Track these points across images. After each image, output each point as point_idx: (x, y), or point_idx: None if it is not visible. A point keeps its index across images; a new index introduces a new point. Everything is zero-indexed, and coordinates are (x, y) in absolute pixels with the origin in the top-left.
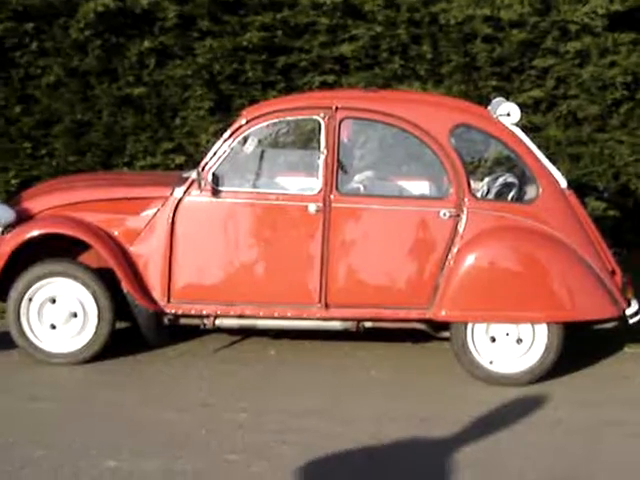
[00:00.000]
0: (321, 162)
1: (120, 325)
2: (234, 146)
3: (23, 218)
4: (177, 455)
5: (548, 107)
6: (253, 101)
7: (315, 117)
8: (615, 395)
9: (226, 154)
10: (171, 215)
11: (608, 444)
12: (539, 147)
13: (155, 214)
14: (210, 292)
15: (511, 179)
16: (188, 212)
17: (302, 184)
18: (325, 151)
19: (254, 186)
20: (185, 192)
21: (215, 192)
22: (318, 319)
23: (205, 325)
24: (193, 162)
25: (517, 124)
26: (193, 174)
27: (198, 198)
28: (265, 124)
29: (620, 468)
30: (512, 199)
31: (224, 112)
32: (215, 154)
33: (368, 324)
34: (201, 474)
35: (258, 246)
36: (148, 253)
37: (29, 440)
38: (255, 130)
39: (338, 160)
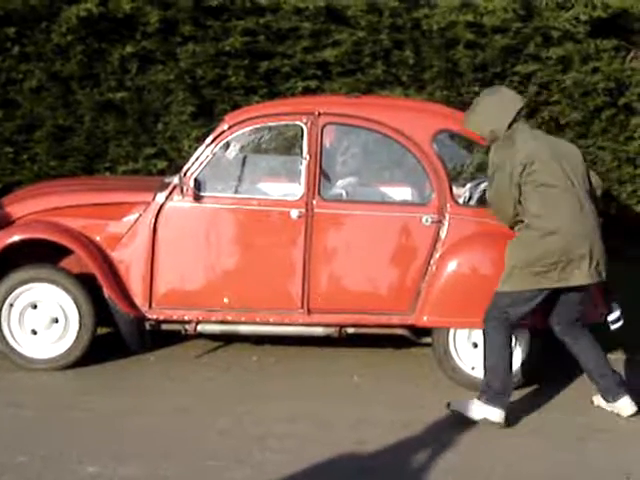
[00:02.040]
0: (303, 168)
1: (101, 331)
2: (216, 151)
3: (4, 223)
4: (158, 461)
5: (530, 113)
6: (235, 106)
7: (298, 123)
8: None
9: (208, 159)
10: (153, 220)
11: (591, 450)
12: None
13: (137, 219)
14: (192, 298)
15: None
16: (170, 217)
17: (284, 190)
18: (307, 157)
19: (236, 191)
20: (167, 197)
21: (197, 197)
22: (300, 325)
23: (187, 331)
24: (175, 167)
25: None
26: (175, 179)
27: (180, 203)
28: (247, 129)
29: (601, 474)
30: None
31: (206, 117)
32: (197, 159)
33: (350, 330)
34: None
35: (240, 252)
36: (130, 259)
37: (9, 446)
38: (237, 135)
39: (320, 166)
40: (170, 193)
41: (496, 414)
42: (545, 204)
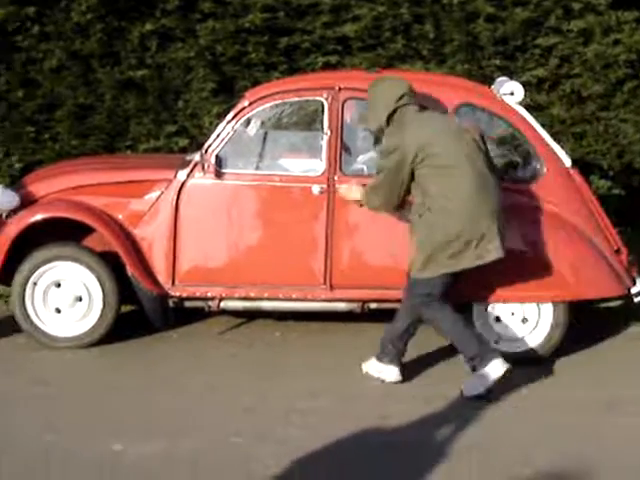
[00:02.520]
0: (324, 143)
1: (125, 308)
2: (237, 128)
3: (27, 202)
4: (182, 438)
5: (552, 86)
6: (256, 83)
7: (318, 98)
8: (620, 374)
9: (229, 136)
10: (175, 198)
11: (616, 423)
12: (543, 126)
13: (159, 197)
14: (214, 274)
15: (516, 158)
16: (192, 195)
17: (306, 165)
18: (328, 132)
19: (257, 168)
20: (188, 175)
21: (218, 174)
22: (323, 300)
23: (210, 307)
24: (196, 144)
25: (521, 103)
26: (196, 156)
27: (201, 180)
28: (268, 105)
29: (629, 446)
30: (517, 178)
31: (227, 94)
32: (218, 136)
33: (373, 305)
34: (206, 457)
35: (262, 228)
36: (152, 236)
37: (36, 424)
38: (258, 112)
39: (341, 141)
40: (191, 170)
41: (497, 367)
42: (445, 185)
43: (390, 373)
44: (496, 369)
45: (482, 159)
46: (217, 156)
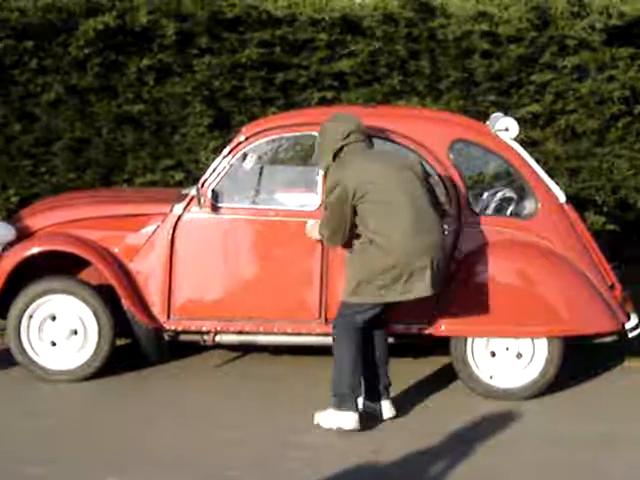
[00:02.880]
0: (320, 178)
1: (120, 341)
2: (233, 163)
3: (23, 235)
4: (177, 470)
5: (546, 122)
6: (252, 118)
7: (314, 133)
8: (615, 410)
9: (225, 171)
10: (171, 232)
11: (608, 458)
12: (538, 162)
13: (155, 231)
14: (210, 308)
15: (510, 194)
16: (188, 229)
17: (301, 200)
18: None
19: (253, 202)
20: (185, 209)
21: (214, 208)
22: (318, 334)
23: (205, 341)
24: (193, 179)
25: (515, 139)
26: (192, 191)
27: (198, 215)
28: (264, 140)
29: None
30: (511, 214)
31: (223, 129)
32: (214, 171)
33: None
34: None
35: (258, 262)
36: (148, 270)
37: (29, 456)
38: (254, 147)
39: None
40: (188, 204)
41: (349, 421)
42: (383, 220)
43: (346, 421)
44: (348, 422)
45: (423, 195)
46: (213, 190)
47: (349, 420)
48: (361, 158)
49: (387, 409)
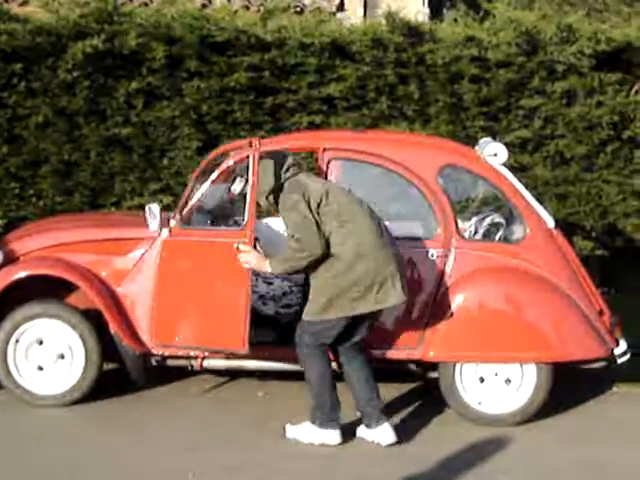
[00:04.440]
0: None
1: (107, 366)
2: (222, 187)
3: (10, 259)
4: None
5: (535, 147)
6: None
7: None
8: (604, 436)
9: (214, 194)
10: (158, 256)
11: None
12: (526, 187)
13: (142, 255)
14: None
15: (498, 219)
16: (175, 253)
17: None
18: None
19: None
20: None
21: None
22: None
23: (192, 366)
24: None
25: (504, 164)
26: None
27: (186, 239)
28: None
29: None
30: (500, 239)
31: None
32: (203, 195)
33: None
34: None
35: (247, 287)
36: (136, 294)
37: None
38: (243, 170)
39: None
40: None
41: (333, 437)
42: (347, 234)
43: (330, 437)
44: (331, 438)
45: (373, 213)
46: (201, 214)
47: (333, 437)
48: (312, 180)
49: (388, 433)
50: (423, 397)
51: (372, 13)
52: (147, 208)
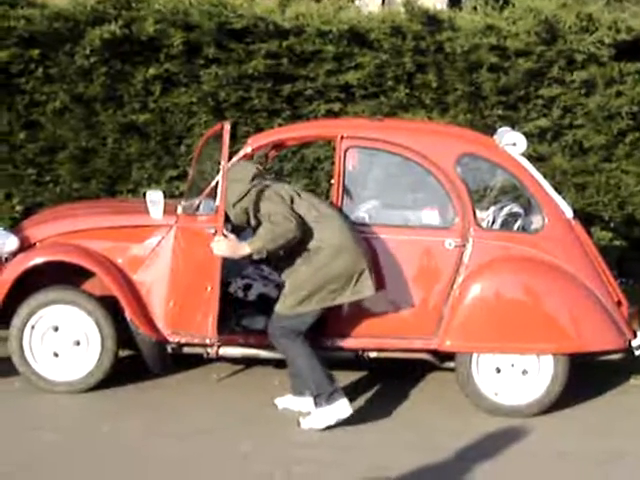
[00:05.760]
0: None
1: (123, 353)
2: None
3: (27, 245)
4: None
5: (554, 136)
6: (259, 129)
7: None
8: (621, 427)
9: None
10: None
11: (614, 476)
12: (545, 176)
13: (159, 242)
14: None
15: (517, 209)
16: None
17: None
18: (330, 180)
19: None
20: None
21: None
22: (322, 348)
23: (208, 354)
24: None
25: (523, 153)
26: (197, 201)
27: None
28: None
29: None
30: (518, 229)
31: (229, 140)
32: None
33: (373, 354)
34: None
35: None
36: (152, 281)
37: (30, 470)
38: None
39: (344, 189)
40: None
41: (343, 408)
42: (324, 229)
43: (340, 409)
44: (342, 410)
45: (343, 212)
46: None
47: (343, 408)
48: (279, 184)
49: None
50: (439, 388)
51: (391, 1)
52: (147, 195)
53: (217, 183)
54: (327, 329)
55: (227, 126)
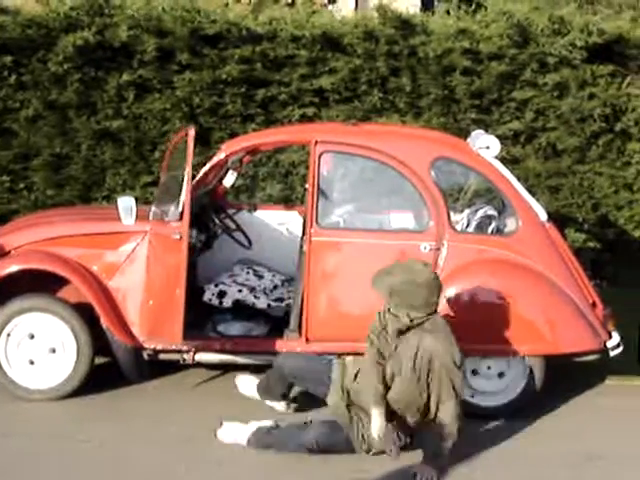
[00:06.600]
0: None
1: (99, 360)
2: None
3: (1, 253)
4: None
5: (527, 139)
6: (233, 134)
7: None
8: (596, 428)
9: (206, 188)
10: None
11: (590, 476)
12: (518, 179)
13: (134, 249)
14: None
15: (491, 211)
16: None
17: (282, 218)
18: (305, 185)
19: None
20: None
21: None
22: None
23: (185, 360)
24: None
25: (496, 156)
26: (172, 208)
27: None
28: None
29: None
30: (492, 232)
31: (203, 145)
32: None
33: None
34: None
35: None
36: (127, 288)
37: (3, 477)
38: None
39: (318, 194)
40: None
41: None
42: None
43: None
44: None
45: None
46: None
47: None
48: None
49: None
50: None
51: (363, 5)
52: (119, 201)
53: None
54: (306, 334)
55: (191, 132)
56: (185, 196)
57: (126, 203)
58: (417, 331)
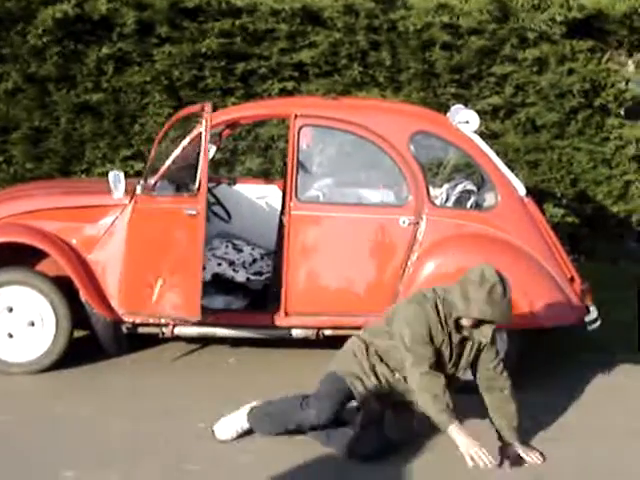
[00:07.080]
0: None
1: (78, 334)
2: (193, 153)
3: None
4: (136, 465)
5: (507, 114)
6: (212, 108)
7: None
8: (572, 402)
9: (186, 161)
10: (129, 223)
11: (568, 450)
12: (498, 154)
13: (113, 222)
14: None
15: (470, 186)
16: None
17: (262, 192)
18: (285, 158)
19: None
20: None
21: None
22: (280, 328)
23: (164, 334)
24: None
25: (476, 131)
26: (152, 181)
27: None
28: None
29: (580, 472)
30: (471, 206)
31: (183, 119)
32: (174, 161)
33: (328, 332)
34: None
35: None
36: (106, 261)
37: None
38: (215, 137)
39: (297, 168)
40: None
41: None
42: None
43: None
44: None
45: None
46: (174, 181)
47: None
48: None
49: None
50: None
51: None
52: (110, 175)
53: (191, 164)
54: (284, 308)
55: (208, 107)
56: (202, 172)
57: (117, 177)
58: None
